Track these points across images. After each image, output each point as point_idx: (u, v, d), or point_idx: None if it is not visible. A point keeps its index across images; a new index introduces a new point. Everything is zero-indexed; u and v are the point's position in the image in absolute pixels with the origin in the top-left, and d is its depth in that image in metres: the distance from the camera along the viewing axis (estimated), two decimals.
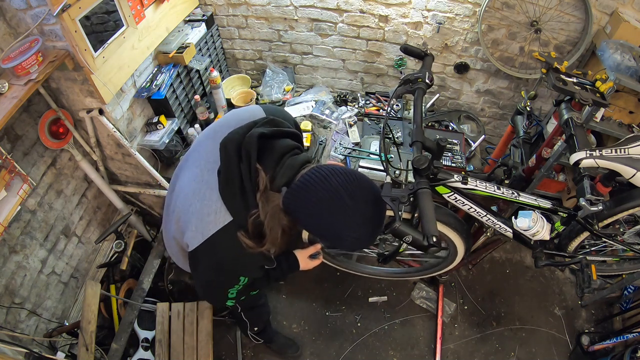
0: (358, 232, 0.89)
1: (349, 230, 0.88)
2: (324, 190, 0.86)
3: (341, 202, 0.85)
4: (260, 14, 2.35)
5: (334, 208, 0.86)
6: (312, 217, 0.89)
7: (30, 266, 1.97)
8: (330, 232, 0.90)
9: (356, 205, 0.86)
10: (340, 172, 0.88)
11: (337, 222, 0.87)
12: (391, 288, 2.51)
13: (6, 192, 1.62)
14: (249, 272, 1.09)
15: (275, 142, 0.99)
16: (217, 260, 1.00)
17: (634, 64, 1.67)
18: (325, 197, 0.86)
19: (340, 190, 0.85)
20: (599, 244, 1.56)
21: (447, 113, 2.48)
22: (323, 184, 0.86)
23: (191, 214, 0.99)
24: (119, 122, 1.91)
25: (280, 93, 2.46)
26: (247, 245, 0.94)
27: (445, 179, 1.28)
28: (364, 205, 0.88)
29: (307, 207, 0.88)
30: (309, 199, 0.87)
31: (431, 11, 2.10)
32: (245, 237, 0.94)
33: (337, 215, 0.86)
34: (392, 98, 1.37)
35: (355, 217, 0.87)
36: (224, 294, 1.13)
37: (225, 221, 0.94)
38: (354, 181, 0.88)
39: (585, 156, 1.20)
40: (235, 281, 1.08)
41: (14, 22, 1.56)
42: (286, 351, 2.23)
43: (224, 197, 0.95)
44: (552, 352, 2.27)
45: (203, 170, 1.00)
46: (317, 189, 0.86)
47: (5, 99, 1.49)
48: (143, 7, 1.84)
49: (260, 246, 0.95)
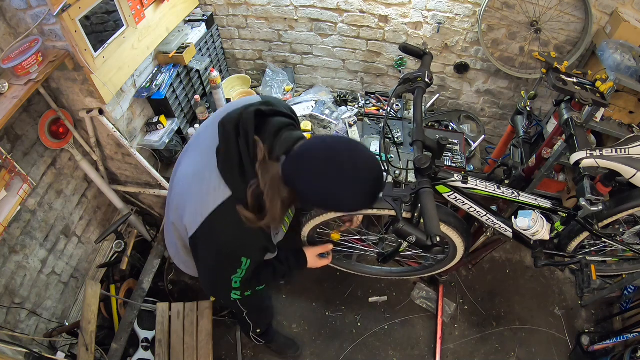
0: (357, 191, 0.92)
1: (347, 189, 0.90)
2: (323, 151, 0.90)
3: (340, 160, 0.89)
4: (260, 14, 2.35)
5: (332, 167, 0.89)
6: (312, 179, 0.91)
7: (30, 266, 1.97)
8: (329, 193, 0.91)
9: (355, 164, 0.90)
10: (338, 137, 0.94)
11: (336, 182, 0.89)
12: (391, 288, 2.51)
13: (6, 192, 1.62)
14: (250, 253, 1.06)
15: (272, 119, 1.02)
16: (217, 241, 0.99)
17: (634, 64, 1.67)
18: (324, 157, 0.90)
19: (339, 149, 0.90)
20: (599, 244, 1.56)
21: (447, 113, 2.48)
22: (322, 144, 0.92)
23: (190, 195, 1.00)
24: (119, 122, 1.91)
25: (280, 93, 2.46)
26: (247, 219, 0.94)
27: (445, 179, 1.28)
28: (363, 164, 0.91)
29: (307, 169, 0.91)
30: (308, 162, 0.91)
31: (431, 11, 2.10)
32: (245, 211, 0.94)
33: (336, 174, 0.89)
34: (391, 97, 1.37)
35: (355, 175, 0.90)
36: (227, 281, 1.10)
37: (224, 196, 0.95)
38: (350, 142, 0.94)
39: (586, 156, 1.20)
40: (238, 264, 1.05)
41: (14, 22, 1.55)
42: (286, 351, 2.23)
43: (222, 172, 0.96)
44: (552, 352, 2.27)
45: (203, 154, 1.02)
46: (317, 150, 0.91)
47: (5, 99, 1.48)
48: (143, 7, 1.84)
49: (260, 220, 0.95)
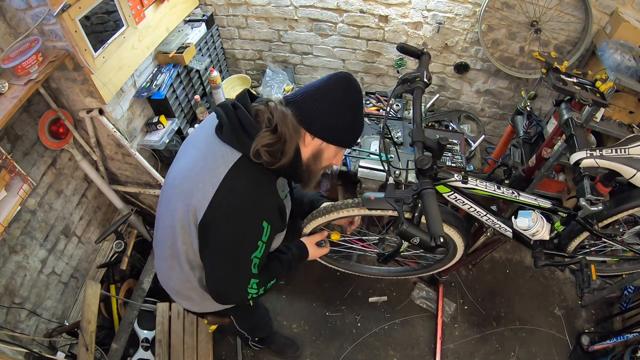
0: (350, 119, 1.02)
1: (341, 118, 1.00)
2: (320, 82, 1.00)
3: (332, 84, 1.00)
4: (260, 14, 2.35)
5: (327, 89, 0.99)
6: (322, 104, 0.98)
7: (30, 266, 1.97)
8: (337, 111, 1.00)
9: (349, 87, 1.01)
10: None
11: (338, 101, 0.99)
12: (391, 288, 2.51)
13: (6, 192, 1.62)
14: (270, 216, 1.04)
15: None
16: (235, 205, 0.97)
17: (634, 64, 1.67)
18: (323, 86, 1.00)
19: (331, 80, 1.00)
20: (599, 244, 1.56)
21: (447, 113, 2.48)
22: (317, 82, 1.01)
23: (196, 174, 0.99)
24: (119, 122, 1.91)
25: (280, 93, 2.46)
26: (266, 163, 0.96)
27: (445, 179, 1.28)
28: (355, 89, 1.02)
29: (318, 98, 0.98)
30: (310, 91, 0.99)
31: (431, 11, 2.10)
32: (264, 154, 0.95)
33: (338, 94, 0.99)
34: (390, 98, 1.37)
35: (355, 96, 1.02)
36: (247, 266, 1.05)
37: (235, 158, 0.96)
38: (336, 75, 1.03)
39: (586, 156, 1.20)
40: (259, 231, 1.01)
41: (14, 22, 1.55)
42: (286, 351, 2.23)
43: (228, 140, 0.98)
44: (552, 352, 2.27)
45: (201, 148, 1.03)
46: (318, 83, 1.00)
47: (5, 99, 1.48)
48: (143, 7, 1.84)
49: (278, 161, 0.97)
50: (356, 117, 1.05)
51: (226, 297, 1.13)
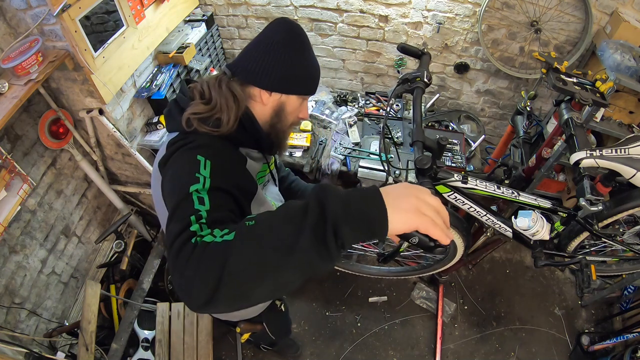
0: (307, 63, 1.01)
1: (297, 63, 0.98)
2: (262, 36, 0.96)
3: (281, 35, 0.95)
4: (260, 14, 2.35)
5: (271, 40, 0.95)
6: (258, 55, 0.94)
7: (30, 266, 1.97)
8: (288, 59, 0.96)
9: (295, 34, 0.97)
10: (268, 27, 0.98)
11: (289, 48, 0.95)
12: (391, 288, 2.51)
13: (6, 192, 1.62)
14: (211, 154, 0.89)
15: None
16: (178, 145, 0.90)
17: (634, 64, 1.67)
18: (265, 37, 0.96)
19: (276, 29, 0.96)
20: (599, 244, 1.56)
21: (447, 113, 2.48)
22: (256, 38, 0.97)
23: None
24: (119, 122, 1.91)
25: None
26: (207, 133, 0.90)
27: (445, 178, 1.28)
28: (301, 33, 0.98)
29: (256, 56, 0.95)
30: (251, 47, 0.96)
31: (431, 11, 2.10)
32: (195, 122, 0.90)
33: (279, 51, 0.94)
34: (390, 98, 1.37)
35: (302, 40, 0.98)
36: (188, 196, 0.83)
37: (172, 136, 0.94)
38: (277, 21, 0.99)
39: (586, 156, 1.20)
40: (196, 164, 0.87)
41: (14, 22, 1.55)
42: (286, 351, 2.23)
43: (171, 128, 0.97)
44: (552, 352, 2.27)
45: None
46: (256, 36, 0.97)
47: (5, 99, 1.49)
48: (143, 7, 1.84)
49: (218, 128, 0.91)
50: (306, 58, 1.00)
51: (170, 232, 0.81)
